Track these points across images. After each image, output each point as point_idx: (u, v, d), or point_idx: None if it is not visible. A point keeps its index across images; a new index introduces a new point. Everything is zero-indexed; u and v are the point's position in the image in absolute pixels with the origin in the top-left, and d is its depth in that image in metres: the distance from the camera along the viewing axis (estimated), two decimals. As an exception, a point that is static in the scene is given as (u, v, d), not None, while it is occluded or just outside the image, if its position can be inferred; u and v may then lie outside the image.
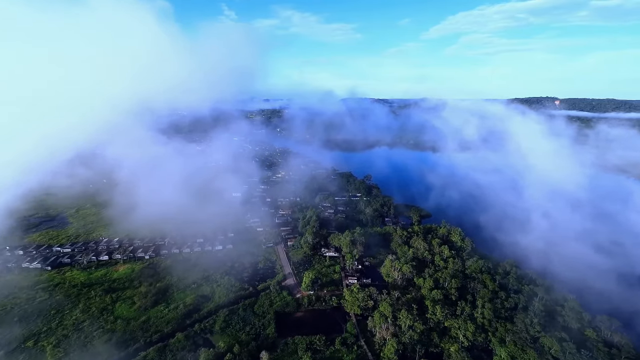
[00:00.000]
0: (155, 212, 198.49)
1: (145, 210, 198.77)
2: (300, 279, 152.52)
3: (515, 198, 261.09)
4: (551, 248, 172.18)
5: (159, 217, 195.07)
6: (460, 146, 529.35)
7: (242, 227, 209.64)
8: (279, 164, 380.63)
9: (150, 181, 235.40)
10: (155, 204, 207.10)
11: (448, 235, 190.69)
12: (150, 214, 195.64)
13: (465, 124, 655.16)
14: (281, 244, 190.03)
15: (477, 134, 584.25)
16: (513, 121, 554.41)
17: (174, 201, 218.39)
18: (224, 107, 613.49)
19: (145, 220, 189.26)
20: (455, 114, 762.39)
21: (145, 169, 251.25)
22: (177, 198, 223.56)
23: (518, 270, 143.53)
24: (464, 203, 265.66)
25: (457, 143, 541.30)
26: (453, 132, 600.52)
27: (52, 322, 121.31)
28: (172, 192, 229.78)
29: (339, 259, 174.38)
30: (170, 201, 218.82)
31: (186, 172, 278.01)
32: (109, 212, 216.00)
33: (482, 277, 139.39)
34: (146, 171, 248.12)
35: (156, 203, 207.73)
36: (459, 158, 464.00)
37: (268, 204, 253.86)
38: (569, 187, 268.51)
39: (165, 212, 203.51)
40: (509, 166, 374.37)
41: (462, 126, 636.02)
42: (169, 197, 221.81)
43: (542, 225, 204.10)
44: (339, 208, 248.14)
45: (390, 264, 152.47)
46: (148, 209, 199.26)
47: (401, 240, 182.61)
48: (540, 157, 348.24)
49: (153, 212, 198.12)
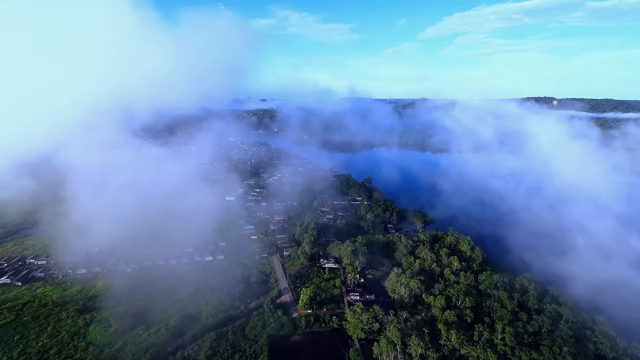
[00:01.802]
0: (139, 218, 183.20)
1: (128, 216, 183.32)
2: (297, 294, 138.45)
3: (526, 203, 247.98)
4: (572, 261, 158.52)
5: (142, 224, 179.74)
6: (461, 147, 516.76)
7: (234, 234, 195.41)
8: (275, 166, 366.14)
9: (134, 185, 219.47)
10: (139, 209, 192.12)
11: (456, 244, 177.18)
12: (134, 221, 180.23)
13: (465, 124, 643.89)
14: (277, 253, 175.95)
15: (477, 134, 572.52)
16: (516, 121, 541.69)
17: (162, 207, 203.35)
18: (216, 106, 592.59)
19: (127, 228, 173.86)
20: (455, 113, 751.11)
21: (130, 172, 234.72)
22: (165, 203, 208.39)
23: (537, 287, 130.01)
24: (469, 208, 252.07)
25: (458, 144, 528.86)
26: (454, 132, 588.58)
27: (15, 349, 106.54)
28: (159, 196, 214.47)
29: (339, 271, 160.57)
30: (158, 207, 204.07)
31: (177, 176, 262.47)
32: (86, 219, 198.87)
33: (499, 294, 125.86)
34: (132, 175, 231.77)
35: (140, 208, 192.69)
36: (460, 159, 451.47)
37: (263, 208, 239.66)
38: (591, 190, 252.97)
39: (150, 219, 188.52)
40: (516, 168, 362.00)
41: (462, 126, 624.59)
42: (155, 202, 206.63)
43: (559, 235, 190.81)
44: (338, 213, 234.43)
45: (396, 279, 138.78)
46: (130, 215, 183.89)
47: (406, 250, 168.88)
48: (555, 158, 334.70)
49: (136, 218, 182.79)
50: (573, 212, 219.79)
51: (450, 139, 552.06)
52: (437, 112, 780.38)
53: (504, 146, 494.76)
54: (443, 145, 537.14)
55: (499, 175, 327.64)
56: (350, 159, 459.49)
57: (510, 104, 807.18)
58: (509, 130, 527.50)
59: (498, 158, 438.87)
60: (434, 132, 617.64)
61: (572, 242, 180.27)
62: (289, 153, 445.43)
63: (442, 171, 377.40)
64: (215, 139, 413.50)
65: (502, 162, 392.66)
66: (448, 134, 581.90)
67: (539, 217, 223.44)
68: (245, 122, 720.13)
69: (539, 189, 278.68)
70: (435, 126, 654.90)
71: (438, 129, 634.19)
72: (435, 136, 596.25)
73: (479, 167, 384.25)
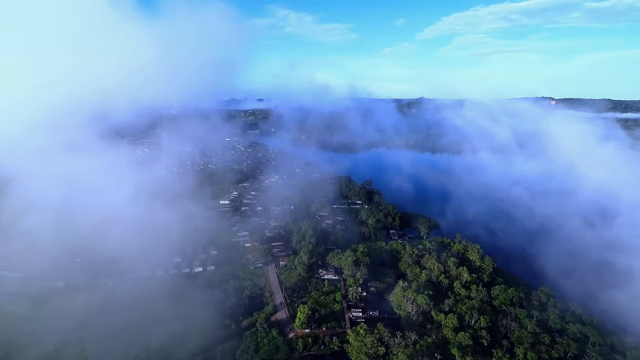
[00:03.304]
0: (124, 222, 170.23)
1: (111, 220, 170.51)
2: (293, 311, 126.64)
3: (534, 207, 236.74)
4: (590, 273, 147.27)
5: (126, 229, 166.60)
6: (462, 148, 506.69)
7: (227, 242, 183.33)
8: (272, 167, 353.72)
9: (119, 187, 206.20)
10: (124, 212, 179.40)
11: (464, 252, 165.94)
12: (116, 226, 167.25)
13: (465, 124, 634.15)
14: (272, 263, 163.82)
15: (477, 134, 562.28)
16: (521, 120, 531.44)
17: (149, 211, 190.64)
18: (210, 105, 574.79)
19: (108, 234, 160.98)
20: (455, 113, 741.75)
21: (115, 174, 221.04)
22: (153, 208, 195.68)
23: (557, 302, 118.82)
24: (474, 212, 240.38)
25: (458, 144, 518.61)
26: (454, 132, 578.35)
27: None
28: (148, 199, 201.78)
29: (339, 283, 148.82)
30: (146, 211, 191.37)
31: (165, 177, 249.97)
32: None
33: (515, 311, 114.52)
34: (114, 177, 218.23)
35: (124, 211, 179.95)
36: (462, 160, 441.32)
37: (259, 213, 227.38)
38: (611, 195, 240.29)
39: (137, 224, 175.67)
40: (520, 170, 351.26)
41: (462, 127, 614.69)
42: (143, 205, 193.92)
43: (573, 243, 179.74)
44: (337, 218, 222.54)
45: (402, 293, 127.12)
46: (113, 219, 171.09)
47: (411, 260, 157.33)
48: (567, 160, 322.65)
49: (120, 223, 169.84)
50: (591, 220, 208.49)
51: (450, 139, 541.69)
52: (437, 112, 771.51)
53: (506, 147, 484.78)
54: (444, 146, 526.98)
55: (504, 177, 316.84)
56: (349, 159, 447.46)
57: (512, 104, 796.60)
58: (511, 130, 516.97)
59: (498, 158, 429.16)
60: (433, 133, 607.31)
61: (591, 252, 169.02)
62: (286, 154, 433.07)
63: (443, 173, 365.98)
64: (208, 140, 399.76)
65: (506, 163, 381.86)
66: (448, 134, 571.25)
67: (551, 223, 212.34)
68: (242, 122, 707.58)
69: (548, 192, 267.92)
70: (435, 126, 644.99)
71: (438, 129, 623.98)
72: (435, 136, 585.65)
73: (482, 168, 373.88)
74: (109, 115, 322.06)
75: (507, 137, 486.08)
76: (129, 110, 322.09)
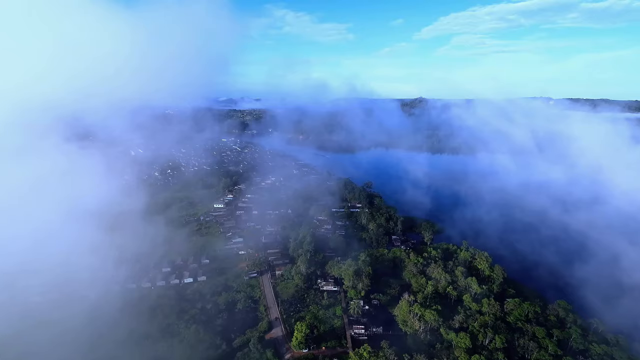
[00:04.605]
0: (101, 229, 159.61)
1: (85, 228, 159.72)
2: (290, 327, 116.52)
3: (542, 211, 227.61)
4: (606, 284, 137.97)
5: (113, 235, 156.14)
6: (464, 148, 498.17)
7: (220, 249, 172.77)
8: (269, 169, 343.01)
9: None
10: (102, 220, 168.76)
11: (472, 261, 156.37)
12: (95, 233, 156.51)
13: (465, 123, 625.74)
14: (267, 273, 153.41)
15: (477, 135, 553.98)
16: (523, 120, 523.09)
17: (132, 217, 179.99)
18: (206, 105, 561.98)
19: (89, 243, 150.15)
20: (453, 114, 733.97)
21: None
22: (141, 213, 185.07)
23: (577, 319, 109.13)
24: (478, 216, 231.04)
25: (459, 145, 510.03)
26: (454, 133, 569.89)
27: None
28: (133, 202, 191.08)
29: (339, 295, 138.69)
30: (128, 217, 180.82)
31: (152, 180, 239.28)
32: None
33: (532, 329, 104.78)
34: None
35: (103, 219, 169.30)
36: (463, 161, 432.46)
37: (255, 217, 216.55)
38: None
39: (119, 231, 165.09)
40: (519, 170, 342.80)
41: (463, 126, 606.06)
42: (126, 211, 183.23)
43: (589, 250, 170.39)
44: (337, 222, 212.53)
45: (408, 308, 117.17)
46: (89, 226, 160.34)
47: (416, 269, 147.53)
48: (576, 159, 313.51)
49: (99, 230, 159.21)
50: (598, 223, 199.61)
51: (450, 139, 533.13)
52: (436, 111, 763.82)
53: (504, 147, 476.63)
54: (444, 147, 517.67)
55: (508, 179, 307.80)
56: (348, 160, 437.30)
57: (512, 104, 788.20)
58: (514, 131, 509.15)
59: (498, 159, 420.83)
60: (433, 133, 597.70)
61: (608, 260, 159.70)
62: (284, 155, 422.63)
63: (444, 174, 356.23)
64: (204, 140, 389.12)
65: (510, 164, 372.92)
66: (448, 135, 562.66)
67: (562, 227, 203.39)
68: (239, 122, 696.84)
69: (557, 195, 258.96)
70: (435, 126, 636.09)
71: (438, 129, 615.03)
72: (435, 137, 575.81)
73: (483, 169, 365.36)
74: (86, 115, 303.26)
75: (512, 137, 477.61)
76: (109, 110, 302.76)
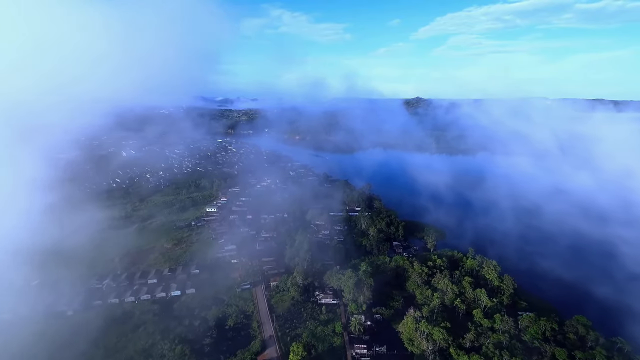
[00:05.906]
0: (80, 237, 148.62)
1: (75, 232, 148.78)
2: (285, 347, 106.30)
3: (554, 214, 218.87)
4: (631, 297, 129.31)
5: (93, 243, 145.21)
6: (464, 148, 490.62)
7: (212, 258, 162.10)
8: (265, 170, 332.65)
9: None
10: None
11: (479, 270, 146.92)
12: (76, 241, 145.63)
13: (464, 123, 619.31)
14: (262, 284, 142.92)
15: (477, 135, 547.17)
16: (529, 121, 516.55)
17: (122, 223, 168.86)
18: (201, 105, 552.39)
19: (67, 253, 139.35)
20: (452, 114, 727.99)
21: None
22: (128, 219, 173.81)
23: (599, 337, 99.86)
24: (481, 220, 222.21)
25: (459, 145, 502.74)
26: (453, 133, 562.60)
27: None
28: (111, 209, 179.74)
29: (338, 309, 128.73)
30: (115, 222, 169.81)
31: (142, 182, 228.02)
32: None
33: (552, 349, 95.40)
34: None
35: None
36: (463, 162, 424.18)
37: (249, 222, 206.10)
38: None
39: (107, 238, 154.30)
40: (518, 171, 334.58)
41: (462, 127, 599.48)
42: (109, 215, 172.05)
43: (600, 257, 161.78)
44: (335, 228, 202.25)
45: (414, 325, 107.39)
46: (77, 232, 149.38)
47: (421, 280, 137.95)
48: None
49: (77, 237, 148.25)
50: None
51: (450, 139, 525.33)
52: (435, 111, 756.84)
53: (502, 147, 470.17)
54: (444, 147, 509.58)
55: (511, 181, 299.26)
56: (346, 161, 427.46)
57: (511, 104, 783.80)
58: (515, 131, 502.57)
59: (498, 159, 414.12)
60: (433, 133, 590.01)
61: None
62: (280, 155, 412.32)
63: (445, 175, 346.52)
64: (198, 141, 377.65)
65: (511, 165, 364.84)
66: (448, 135, 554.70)
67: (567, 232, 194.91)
68: (235, 122, 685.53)
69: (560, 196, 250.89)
70: (434, 126, 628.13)
71: (437, 129, 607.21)
72: (435, 137, 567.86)
73: (484, 170, 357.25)
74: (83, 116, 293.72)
75: (512, 137, 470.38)
76: (101, 110, 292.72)
